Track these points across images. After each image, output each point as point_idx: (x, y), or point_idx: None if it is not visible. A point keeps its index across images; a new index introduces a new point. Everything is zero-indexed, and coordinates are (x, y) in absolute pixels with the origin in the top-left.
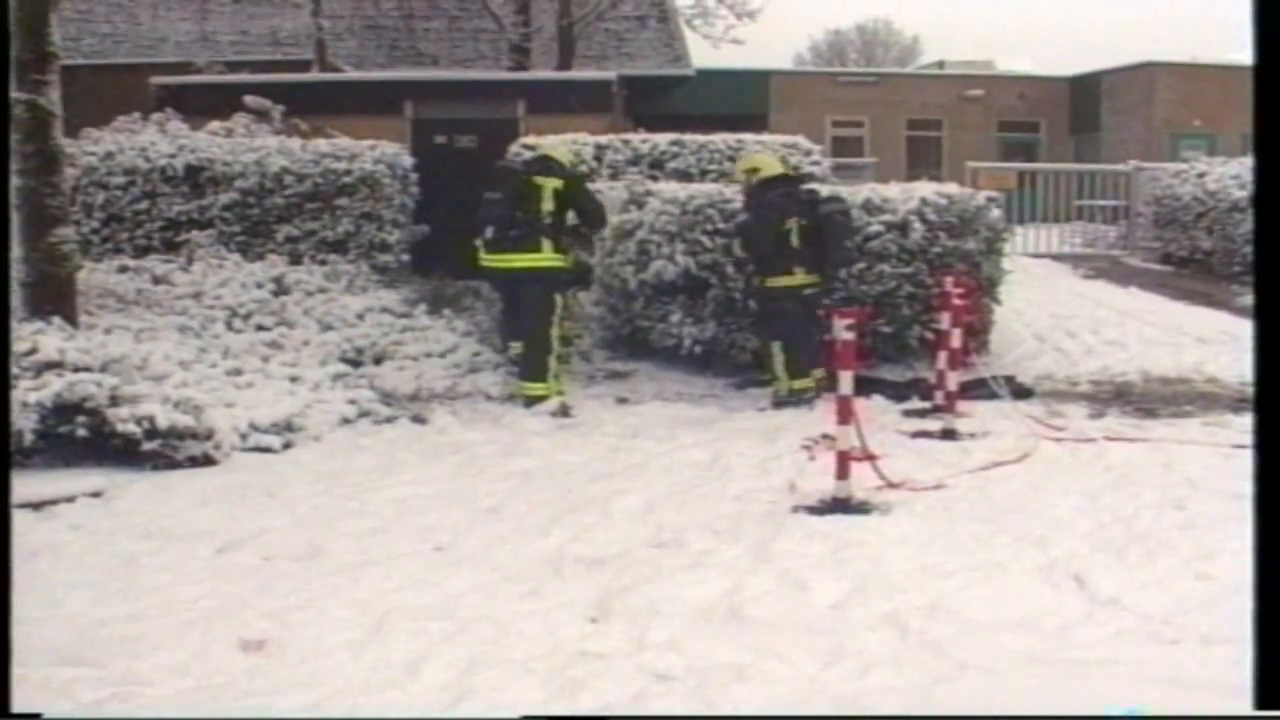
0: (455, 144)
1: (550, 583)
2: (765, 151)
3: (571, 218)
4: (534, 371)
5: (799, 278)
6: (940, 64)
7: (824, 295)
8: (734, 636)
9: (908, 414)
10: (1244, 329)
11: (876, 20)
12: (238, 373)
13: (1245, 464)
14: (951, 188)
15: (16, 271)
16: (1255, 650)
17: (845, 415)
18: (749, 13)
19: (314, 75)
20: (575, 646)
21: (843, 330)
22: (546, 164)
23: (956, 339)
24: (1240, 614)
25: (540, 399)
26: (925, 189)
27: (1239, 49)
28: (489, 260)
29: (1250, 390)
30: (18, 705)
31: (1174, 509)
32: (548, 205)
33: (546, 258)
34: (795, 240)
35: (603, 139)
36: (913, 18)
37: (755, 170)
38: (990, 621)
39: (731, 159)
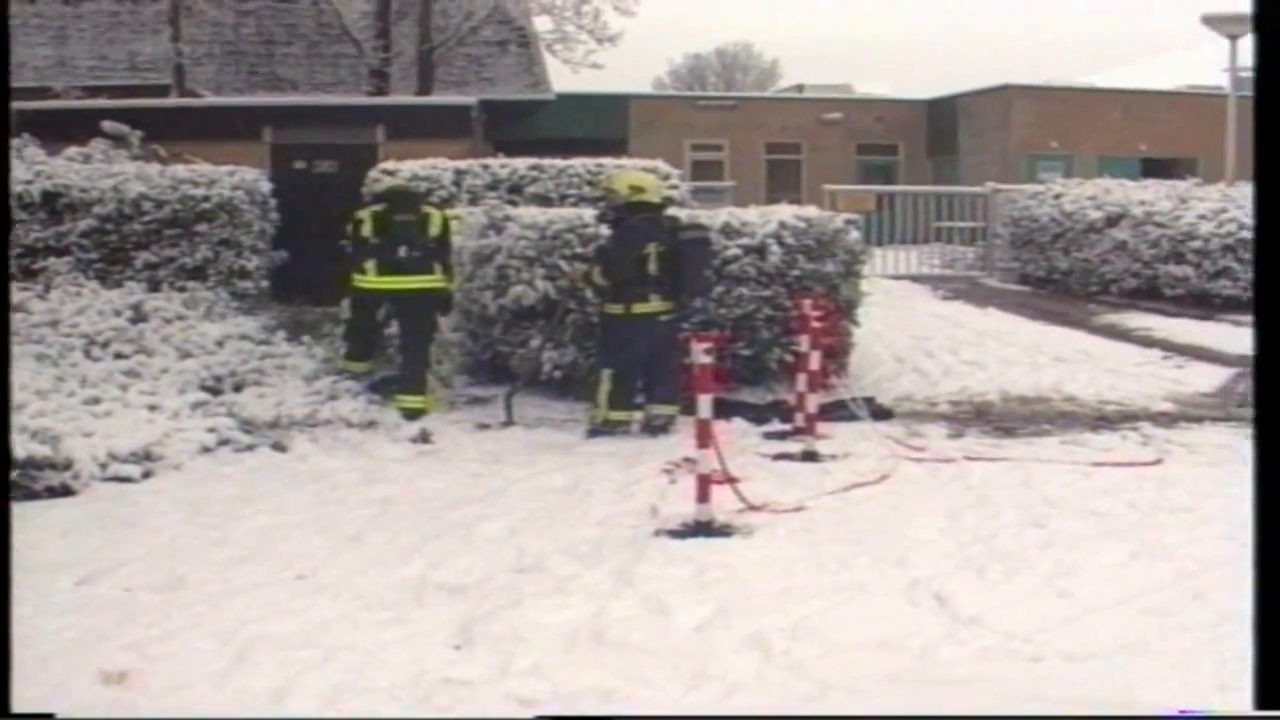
0: (315, 169)
1: (413, 610)
2: (650, 174)
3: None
4: (411, 385)
5: (654, 304)
6: (799, 88)
7: (680, 323)
8: (598, 661)
9: (768, 436)
10: (1101, 348)
11: (736, 44)
12: (96, 401)
13: (1104, 482)
14: (810, 211)
15: None
16: (1255, 650)
17: (704, 438)
18: (609, 38)
19: (173, 100)
20: (439, 674)
21: (700, 354)
22: (427, 197)
23: (815, 361)
24: (1101, 630)
25: (417, 412)
26: (784, 212)
27: (1093, 71)
28: (381, 282)
29: (1108, 409)
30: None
31: (1034, 527)
32: (434, 231)
33: (438, 280)
34: (653, 267)
35: (462, 164)
36: (772, 42)
37: (639, 189)
38: (853, 642)
39: (591, 183)
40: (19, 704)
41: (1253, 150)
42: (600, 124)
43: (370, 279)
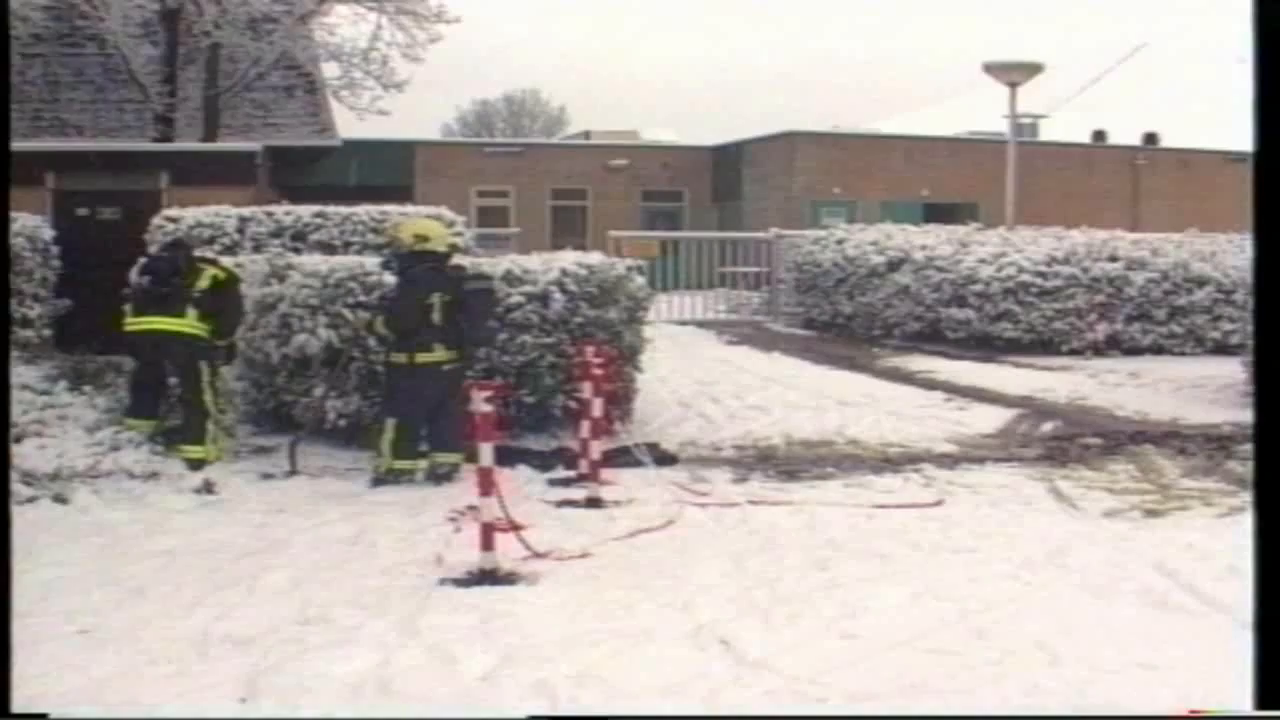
0: (98, 216)
1: (197, 663)
2: (436, 222)
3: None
4: (192, 435)
5: (438, 354)
6: (586, 134)
7: (465, 372)
8: (384, 711)
9: (553, 483)
10: (885, 391)
11: (524, 91)
12: None
13: (887, 523)
14: (593, 257)
15: None
16: (1255, 650)
17: (487, 486)
18: (396, 84)
19: None
20: None
21: (481, 402)
22: (215, 261)
23: (598, 408)
24: (885, 670)
25: (200, 462)
26: (566, 259)
27: (878, 118)
28: (134, 323)
29: (891, 451)
30: None
31: (817, 570)
32: (202, 284)
33: (189, 324)
34: (437, 316)
35: (246, 211)
36: (560, 88)
37: (424, 238)
38: (639, 688)
39: (375, 230)
40: None
41: (1253, 152)
42: (387, 170)
43: (128, 321)
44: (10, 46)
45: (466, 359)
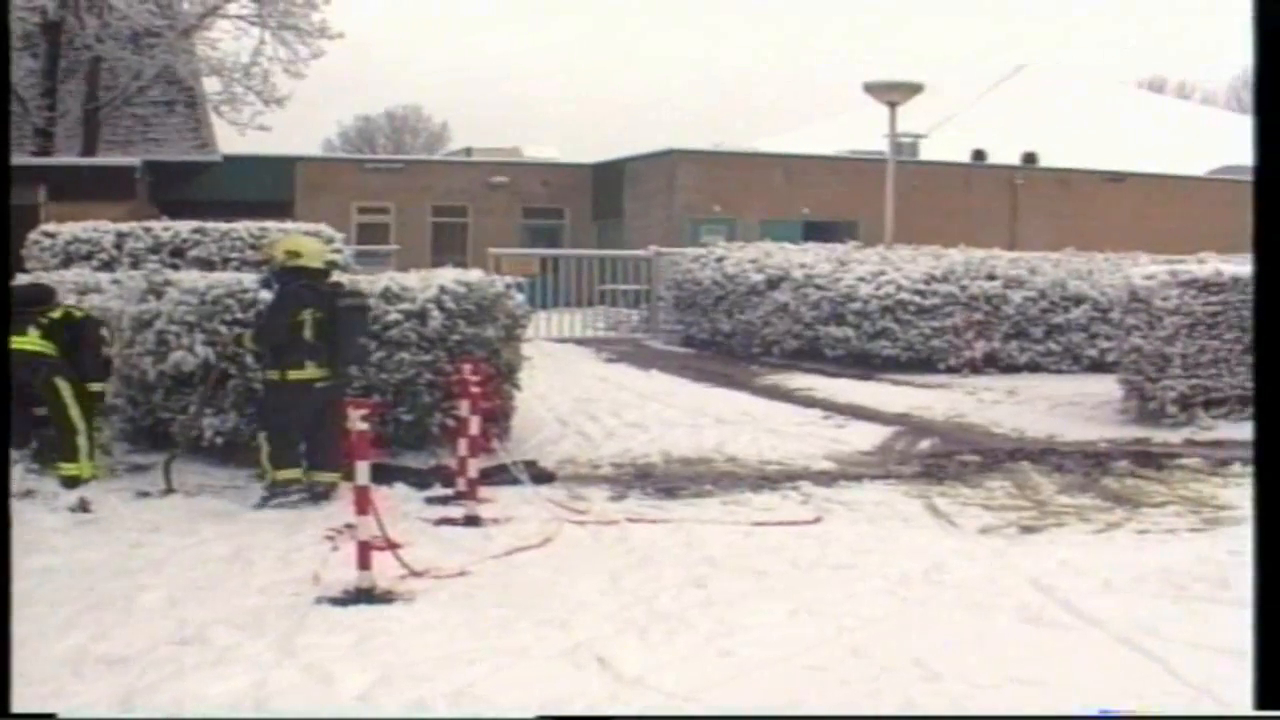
0: None
1: (72, 684)
2: (312, 239)
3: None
4: (64, 452)
5: (310, 371)
6: (468, 151)
7: (341, 390)
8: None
9: (431, 501)
10: (763, 408)
11: (406, 107)
12: None
13: (765, 541)
14: (472, 275)
15: None
16: (1255, 650)
17: (364, 505)
18: (277, 99)
19: None
20: None
21: (357, 420)
22: (77, 306)
23: (476, 426)
24: (762, 687)
25: (74, 479)
26: (445, 276)
27: (760, 136)
28: None
29: (769, 469)
30: None
31: (695, 587)
32: (54, 315)
33: (30, 341)
34: (309, 333)
35: (124, 226)
36: (442, 105)
37: (296, 254)
38: (517, 705)
39: (254, 247)
40: None
41: (1253, 153)
42: (267, 186)
43: None
44: (10, 47)
45: (340, 377)
